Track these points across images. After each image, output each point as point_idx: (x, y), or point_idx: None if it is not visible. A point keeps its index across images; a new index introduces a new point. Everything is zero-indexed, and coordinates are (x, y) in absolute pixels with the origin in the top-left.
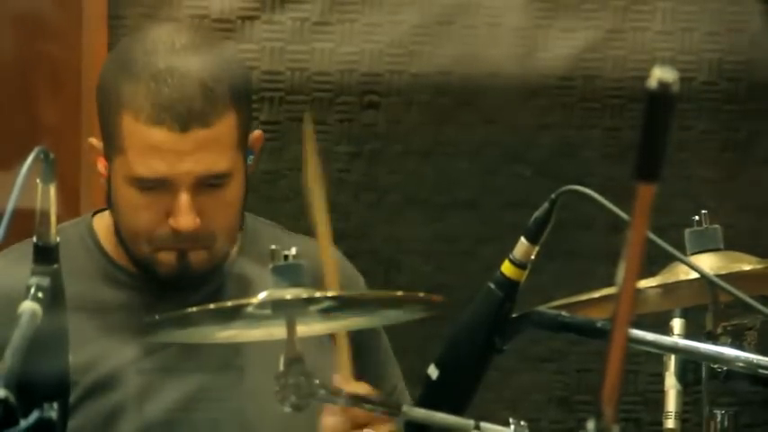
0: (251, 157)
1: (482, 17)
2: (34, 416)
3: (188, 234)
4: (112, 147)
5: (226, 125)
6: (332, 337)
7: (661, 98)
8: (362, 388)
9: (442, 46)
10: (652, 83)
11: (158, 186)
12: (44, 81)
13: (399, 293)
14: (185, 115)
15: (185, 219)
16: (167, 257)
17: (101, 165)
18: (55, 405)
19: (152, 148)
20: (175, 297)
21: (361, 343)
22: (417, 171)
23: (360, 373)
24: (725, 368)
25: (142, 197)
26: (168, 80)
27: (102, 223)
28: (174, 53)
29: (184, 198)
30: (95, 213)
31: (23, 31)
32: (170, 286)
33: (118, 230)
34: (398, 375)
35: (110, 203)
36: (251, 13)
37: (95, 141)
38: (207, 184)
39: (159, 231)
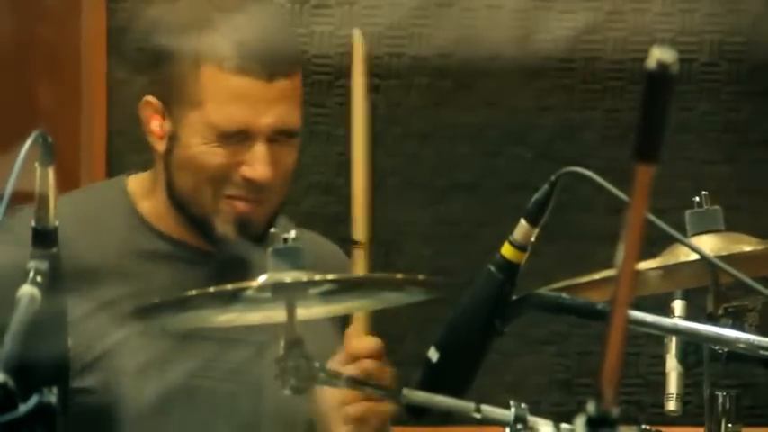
0: None
1: None
2: (33, 400)
3: (261, 185)
4: (185, 101)
5: (299, 79)
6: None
7: (660, 79)
8: (373, 342)
9: (442, 28)
10: (651, 64)
11: (236, 136)
12: (43, 64)
13: (399, 276)
14: (271, 64)
15: (264, 169)
16: (230, 208)
17: (156, 124)
18: (54, 389)
19: (237, 97)
20: (214, 270)
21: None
22: (417, 154)
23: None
24: (726, 349)
25: (218, 148)
26: (255, 29)
27: (139, 187)
28: (244, 6)
29: (263, 148)
30: (129, 176)
31: (22, 14)
32: (220, 239)
33: (175, 190)
34: None
35: (168, 162)
36: None
37: (153, 100)
38: (281, 138)
39: (231, 179)
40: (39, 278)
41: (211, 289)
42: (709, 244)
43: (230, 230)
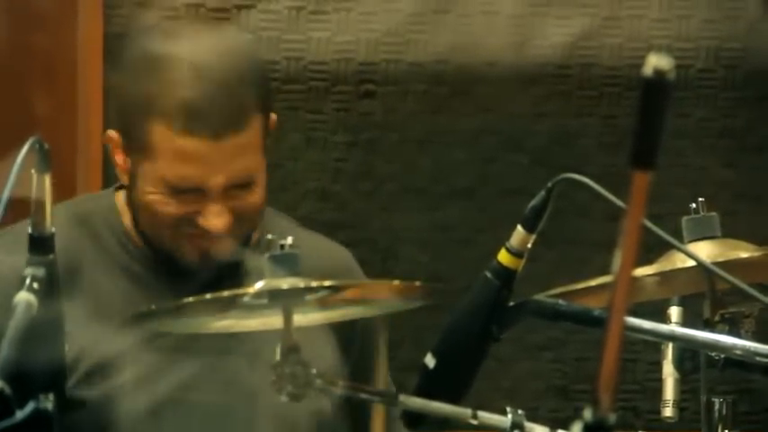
0: (268, 140)
1: (478, 5)
2: (30, 407)
3: (218, 233)
4: (138, 150)
5: (254, 128)
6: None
7: (657, 86)
8: None
9: (439, 34)
10: (648, 70)
11: (189, 192)
12: (39, 71)
13: (396, 282)
14: (219, 123)
15: (218, 221)
16: (191, 250)
17: (119, 158)
18: (51, 396)
19: (185, 157)
20: (192, 284)
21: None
22: (414, 160)
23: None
24: (722, 356)
25: (170, 199)
26: (199, 87)
27: (123, 203)
28: (198, 56)
29: (217, 204)
30: (117, 188)
31: (18, 21)
32: (188, 274)
33: (138, 222)
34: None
35: (131, 198)
36: (247, 1)
37: (114, 134)
38: (237, 187)
39: (186, 224)
40: (35, 285)
41: (208, 296)
42: (705, 250)
43: (195, 264)
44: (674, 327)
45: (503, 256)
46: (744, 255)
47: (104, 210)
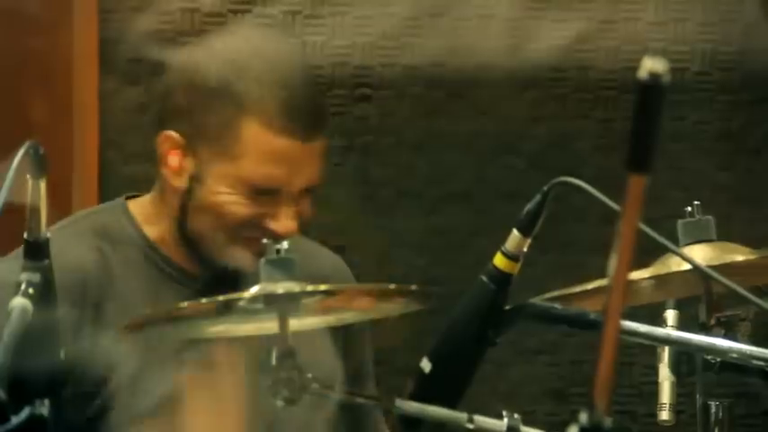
0: None
1: (473, 9)
2: (25, 412)
3: (287, 237)
4: (220, 149)
5: (326, 133)
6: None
7: (652, 88)
8: None
9: (434, 38)
10: (643, 73)
11: (268, 193)
12: (35, 76)
13: (392, 286)
14: (313, 125)
15: (291, 224)
16: (247, 253)
17: (176, 158)
18: (46, 402)
19: (277, 157)
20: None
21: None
22: (410, 164)
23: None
24: (718, 359)
25: (245, 199)
26: (299, 88)
27: (141, 210)
28: (285, 59)
29: (293, 206)
30: (127, 198)
31: (13, 26)
32: (233, 275)
33: (186, 226)
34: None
35: (185, 200)
36: (242, 6)
37: (173, 134)
38: (307, 191)
39: (251, 226)
40: (30, 290)
41: (203, 300)
42: (701, 253)
43: (242, 269)
44: (669, 330)
45: (498, 260)
46: (739, 258)
47: (122, 222)
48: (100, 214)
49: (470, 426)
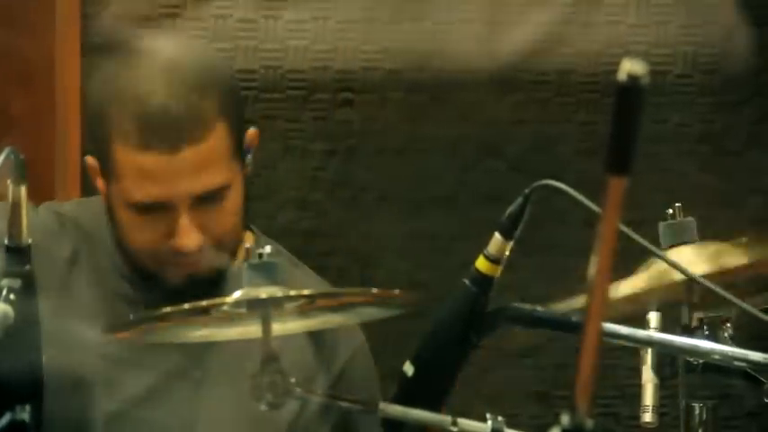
0: (248, 156)
1: (455, 13)
2: (6, 418)
3: (191, 254)
4: (107, 172)
5: (217, 138)
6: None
7: (631, 91)
8: None
9: (416, 42)
10: (622, 76)
11: (157, 208)
12: (17, 79)
13: (375, 291)
14: (173, 136)
15: (188, 239)
16: (173, 273)
17: (99, 183)
18: (27, 407)
19: (145, 173)
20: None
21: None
22: (393, 168)
23: None
24: (701, 361)
25: (142, 219)
26: (152, 102)
27: None
28: (155, 72)
29: (185, 219)
30: None
31: None
32: (174, 293)
33: (122, 248)
34: None
35: (111, 220)
36: (224, 11)
37: (92, 160)
38: (206, 200)
39: (163, 250)
40: (12, 296)
41: (186, 305)
42: (684, 255)
43: (183, 288)
44: (652, 332)
45: (480, 263)
46: (728, 260)
47: (98, 212)
48: (84, 207)
49: (454, 429)
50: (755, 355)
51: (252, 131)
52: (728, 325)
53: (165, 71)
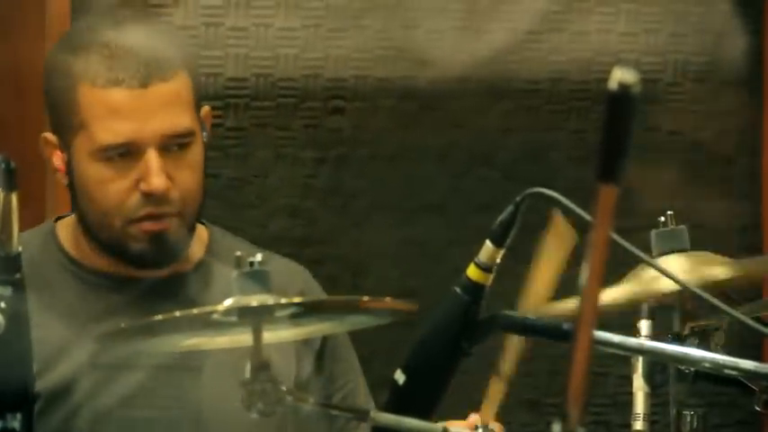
0: (204, 133)
1: (447, 21)
2: None
3: (160, 196)
4: (71, 126)
5: (182, 81)
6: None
7: (622, 99)
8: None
9: (407, 50)
10: (612, 84)
11: (125, 153)
12: (7, 86)
13: (366, 299)
14: (143, 70)
15: (157, 179)
16: (140, 230)
17: (57, 159)
18: (18, 416)
19: (114, 110)
20: (143, 301)
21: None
22: (384, 176)
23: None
24: (692, 369)
25: (109, 169)
26: (120, 43)
27: (65, 228)
28: (119, 25)
29: (154, 158)
30: (57, 219)
31: None
32: (142, 264)
33: (85, 221)
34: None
35: (73, 194)
36: (214, 19)
37: (49, 135)
38: (173, 145)
39: (131, 201)
40: (2, 304)
41: (177, 313)
42: (675, 264)
43: (146, 252)
44: (643, 340)
45: (472, 271)
46: (716, 270)
47: (41, 237)
48: (24, 234)
49: None
50: (746, 364)
51: (206, 109)
52: (719, 333)
53: (129, 26)
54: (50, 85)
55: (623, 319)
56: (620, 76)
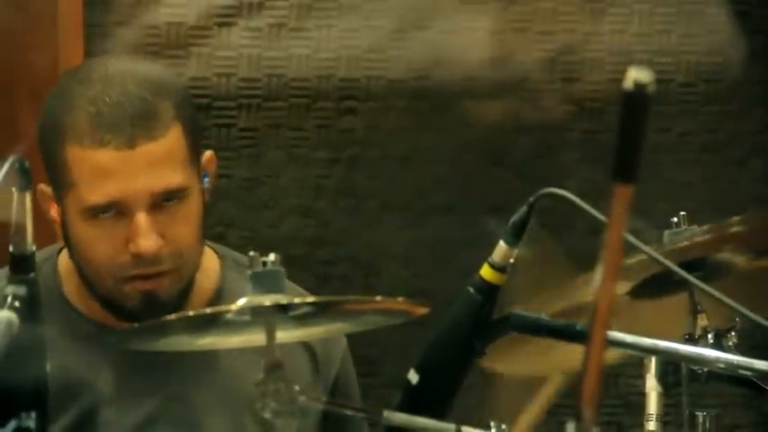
0: (206, 179)
1: (459, 21)
2: (12, 425)
3: (151, 257)
4: (62, 184)
5: (173, 138)
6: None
7: (637, 99)
8: None
9: (419, 51)
10: (628, 84)
11: (114, 212)
12: (21, 90)
13: (379, 299)
14: (130, 131)
15: (146, 240)
16: (133, 289)
17: (53, 211)
18: (33, 414)
19: (101, 171)
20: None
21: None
22: (396, 176)
23: None
24: (705, 369)
25: (99, 228)
26: (107, 100)
27: (65, 265)
28: (108, 76)
29: (142, 218)
30: (62, 249)
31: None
32: (133, 319)
33: (81, 273)
34: None
35: (69, 248)
36: (228, 19)
37: (45, 187)
38: (163, 202)
39: (121, 260)
40: (17, 303)
41: (190, 312)
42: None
43: (139, 310)
44: (656, 340)
45: (485, 272)
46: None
47: (46, 274)
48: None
49: None
50: (760, 364)
51: (209, 154)
52: (733, 333)
53: (119, 77)
54: (43, 142)
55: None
56: (636, 75)
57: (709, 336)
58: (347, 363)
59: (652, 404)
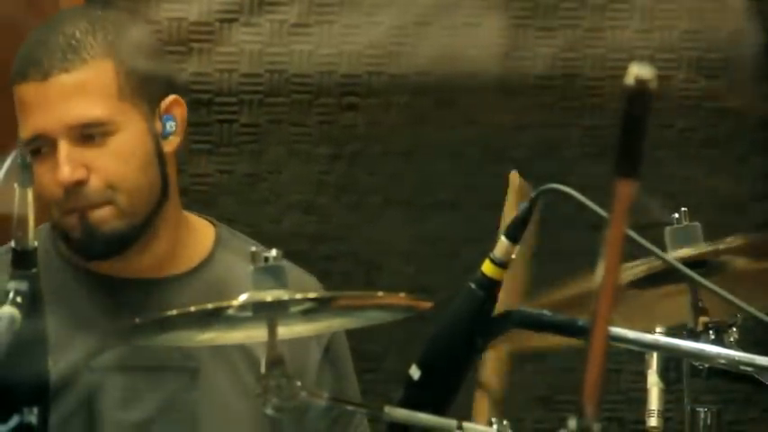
0: (169, 123)
1: (460, 17)
2: (14, 421)
3: (71, 186)
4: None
5: (96, 71)
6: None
7: (639, 95)
8: None
9: (421, 46)
10: (629, 80)
11: (42, 147)
12: None
13: (381, 294)
14: (46, 64)
15: (63, 171)
16: (69, 220)
17: None
18: (35, 410)
19: (22, 105)
20: (130, 303)
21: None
22: (398, 172)
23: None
24: (706, 365)
25: (39, 165)
26: (40, 38)
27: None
28: (54, 18)
29: (61, 148)
30: None
31: (0, 37)
32: (83, 253)
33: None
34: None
35: None
36: (229, 15)
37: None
38: (87, 135)
39: (58, 194)
40: (18, 299)
41: (192, 308)
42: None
43: (83, 243)
44: (658, 336)
45: (487, 267)
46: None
47: (43, 244)
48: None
49: None
50: (761, 360)
51: (172, 98)
52: (734, 329)
53: (62, 18)
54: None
55: None
56: (638, 71)
57: (711, 332)
58: (339, 333)
59: (653, 400)
